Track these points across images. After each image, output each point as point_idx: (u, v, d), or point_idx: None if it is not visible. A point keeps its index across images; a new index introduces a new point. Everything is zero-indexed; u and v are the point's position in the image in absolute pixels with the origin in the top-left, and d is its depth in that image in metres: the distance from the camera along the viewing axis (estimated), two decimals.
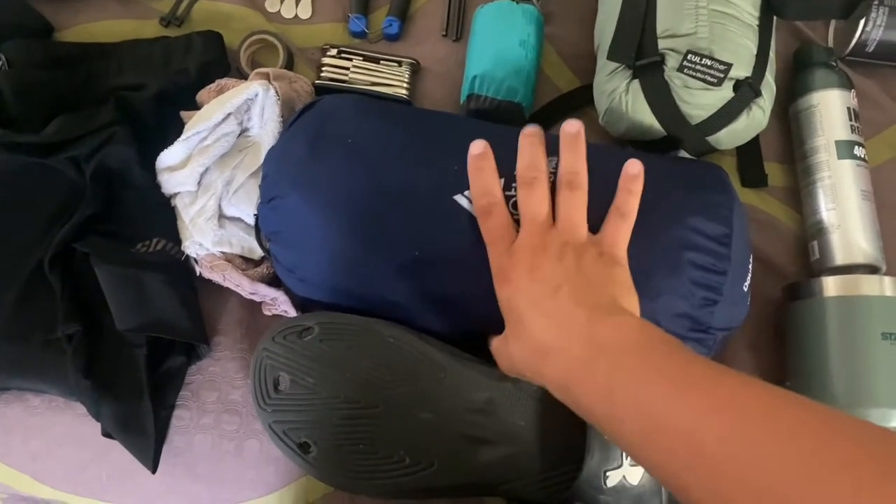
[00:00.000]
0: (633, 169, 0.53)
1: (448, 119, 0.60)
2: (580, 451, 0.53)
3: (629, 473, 0.53)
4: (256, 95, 0.60)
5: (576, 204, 0.52)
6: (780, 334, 0.64)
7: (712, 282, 0.54)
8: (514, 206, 0.53)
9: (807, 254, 0.67)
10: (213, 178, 0.61)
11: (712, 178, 0.57)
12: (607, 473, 0.53)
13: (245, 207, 0.62)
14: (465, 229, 0.53)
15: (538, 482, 0.55)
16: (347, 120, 0.56)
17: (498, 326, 0.53)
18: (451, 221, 0.54)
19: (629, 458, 0.53)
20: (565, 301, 0.47)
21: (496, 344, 0.53)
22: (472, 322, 0.56)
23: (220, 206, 0.61)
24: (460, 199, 0.54)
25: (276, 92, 0.61)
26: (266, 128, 0.62)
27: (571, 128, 0.54)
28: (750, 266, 0.57)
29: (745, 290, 0.57)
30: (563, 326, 0.47)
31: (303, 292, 0.58)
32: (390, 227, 0.54)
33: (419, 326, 0.56)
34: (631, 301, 0.50)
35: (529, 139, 0.54)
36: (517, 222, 0.52)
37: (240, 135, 0.62)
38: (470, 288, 0.54)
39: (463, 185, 0.54)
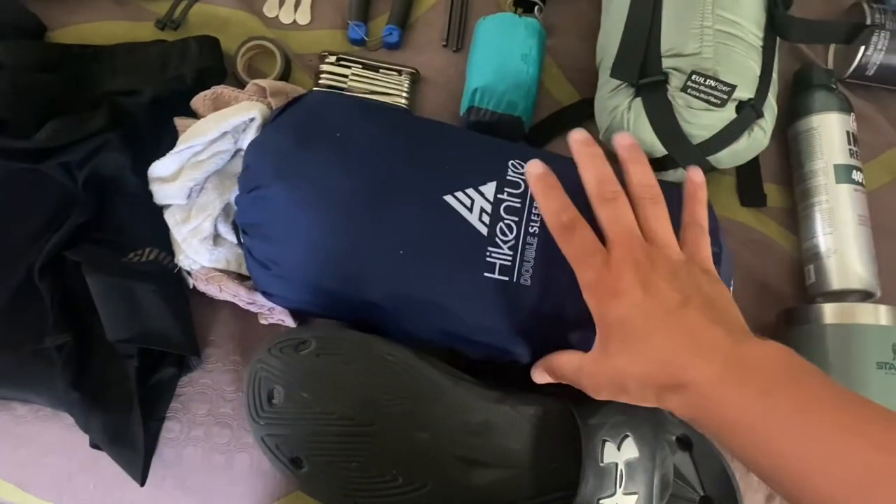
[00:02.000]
0: (698, 177, 0.54)
1: (440, 124, 0.59)
2: (574, 477, 0.53)
3: (622, 501, 0.53)
4: (254, 119, 0.59)
5: (662, 218, 0.51)
6: None
7: None
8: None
9: (802, 276, 0.67)
10: (211, 199, 0.59)
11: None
12: (600, 501, 0.52)
13: None
14: (454, 230, 0.53)
15: None
16: (336, 114, 0.55)
17: (483, 331, 0.53)
18: (440, 221, 0.53)
19: (623, 486, 0.53)
20: (697, 318, 0.46)
21: (578, 361, 0.51)
22: (454, 326, 0.54)
23: (216, 227, 0.60)
24: (450, 200, 0.53)
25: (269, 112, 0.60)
26: None
27: (625, 140, 0.54)
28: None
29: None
30: (698, 343, 0.46)
31: (275, 290, 0.56)
32: (376, 223, 0.52)
33: (399, 330, 0.55)
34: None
35: (589, 152, 0.53)
36: None
37: (234, 154, 0.61)
38: (455, 290, 0.53)
39: (454, 186, 0.53)
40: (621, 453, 0.53)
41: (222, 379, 0.63)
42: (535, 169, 0.52)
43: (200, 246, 0.59)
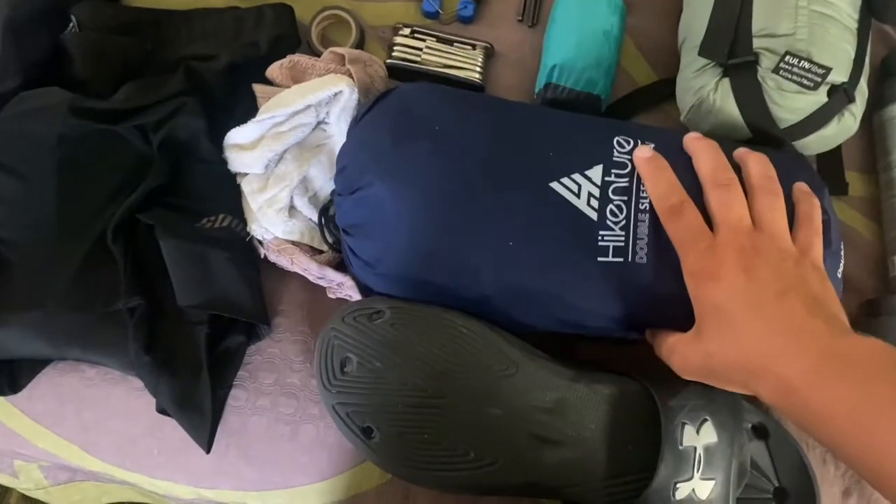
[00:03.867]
0: (804, 186, 0.54)
1: (532, 107, 0.58)
2: (649, 460, 0.52)
3: (699, 487, 0.52)
4: (341, 92, 0.58)
5: (777, 209, 0.51)
6: None
7: None
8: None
9: (885, 267, 0.65)
10: (289, 170, 0.59)
11: (802, 166, 0.57)
12: (677, 485, 0.51)
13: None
14: (563, 218, 0.52)
15: (603, 489, 0.54)
16: (430, 107, 0.54)
17: (599, 315, 0.52)
18: (548, 210, 0.52)
19: (700, 471, 0.52)
20: (796, 307, 0.46)
21: (673, 341, 0.51)
22: (568, 313, 0.54)
23: (291, 199, 0.59)
24: (557, 187, 0.52)
25: (355, 86, 0.59)
26: (341, 126, 0.60)
27: (743, 150, 0.55)
28: (842, 252, 0.56)
29: (839, 276, 0.55)
30: (795, 332, 0.45)
31: (381, 288, 0.55)
32: (483, 215, 0.52)
33: (509, 321, 0.55)
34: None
35: (703, 141, 0.53)
36: None
37: (315, 127, 0.60)
38: (569, 278, 0.52)
39: (559, 173, 0.52)
40: (700, 437, 0.52)
41: (290, 349, 0.63)
42: (643, 153, 0.53)
43: (276, 216, 0.59)
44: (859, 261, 0.66)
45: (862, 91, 0.59)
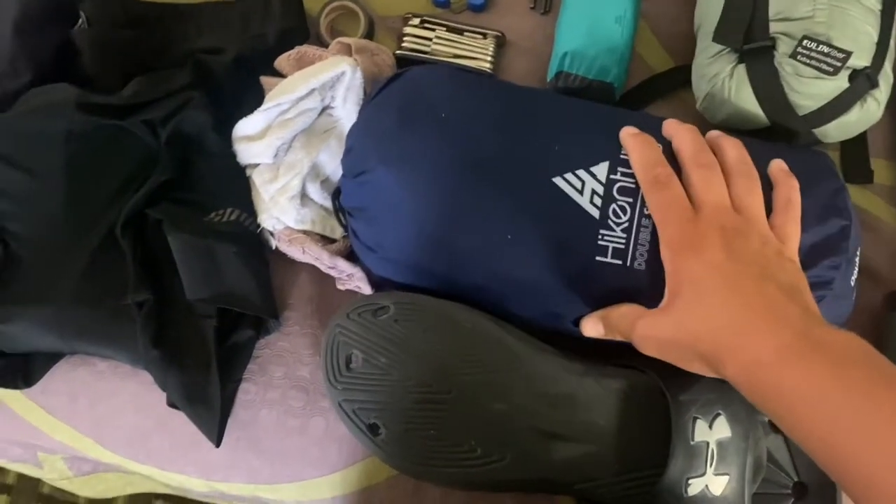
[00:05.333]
0: (783, 164, 0.52)
1: (544, 95, 0.56)
2: (661, 455, 0.51)
3: (712, 483, 0.51)
4: (343, 74, 0.58)
5: (755, 193, 0.50)
6: (880, 346, 0.60)
7: (824, 277, 0.51)
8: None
9: None
10: (299, 157, 0.58)
11: (823, 166, 0.55)
12: (689, 481, 0.50)
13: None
14: (564, 214, 0.51)
15: (614, 484, 0.53)
16: (438, 92, 0.53)
17: (588, 310, 0.51)
18: (549, 205, 0.51)
19: (713, 466, 0.50)
20: (774, 292, 0.45)
21: (638, 312, 0.50)
22: (562, 309, 0.53)
23: (303, 186, 0.59)
24: (560, 182, 0.51)
25: (361, 71, 0.59)
26: (347, 108, 0.59)
27: (715, 133, 0.54)
28: (857, 258, 0.54)
29: (853, 284, 0.54)
30: (771, 312, 0.45)
31: (381, 271, 0.55)
32: (484, 206, 0.51)
33: (502, 311, 0.54)
34: None
35: (683, 125, 0.53)
36: None
37: (321, 112, 0.60)
38: (565, 274, 0.51)
39: (563, 168, 0.51)
40: (713, 432, 0.51)
41: (300, 342, 0.62)
42: (630, 129, 0.52)
43: (288, 205, 0.59)
44: (885, 251, 0.64)
45: (887, 76, 0.57)
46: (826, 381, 0.41)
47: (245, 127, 0.59)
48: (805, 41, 0.54)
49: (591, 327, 0.52)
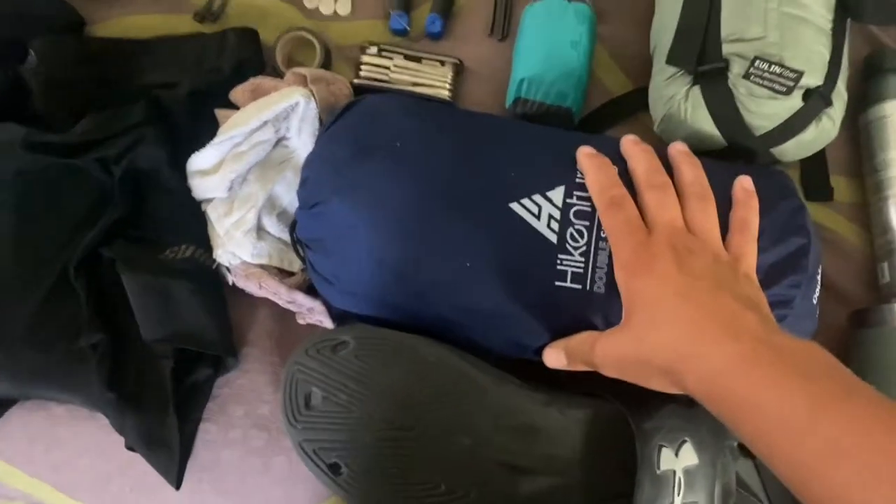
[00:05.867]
0: (748, 185, 0.53)
1: (499, 122, 0.56)
2: (628, 485, 0.50)
3: None
4: (297, 104, 0.57)
5: (710, 214, 0.51)
6: (845, 364, 0.59)
7: (785, 296, 0.51)
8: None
9: (874, 275, 0.62)
10: (254, 190, 0.58)
11: (782, 185, 0.55)
12: None
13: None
14: (521, 240, 0.50)
15: None
16: (393, 121, 0.53)
17: (550, 338, 0.51)
18: (506, 231, 0.50)
19: (681, 495, 0.49)
20: (729, 302, 0.45)
21: (596, 335, 0.49)
22: (525, 337, 0.52)
23: (259, 219, 0.58)
24: (517, 208, 0.51)
25: (316, 101, 0.58)
26: (303, 139, 0.59)
27: (680, 146, 0.54)
28: (819, 276, 0.54)
29: (815, 302, 0.54)
30: (728, 320, 0.44)
31: (341, 304, 0.54)
32: (440, 236, 0.50)
33: (466, 341, 0.53)
34: None
35: (639, 146, 0.53)
36: None
37: (276, 143, 0.59)
38: (526, 301, 0.51)
39: (520, 193, 0.51)
40: (679, 460, 0.50)
41: (260, 380, 0.61)
42: (586, 150, 0.52)
43: (244, 239, 0.58)
44: (847, 269, 0.64)
45: (840, 94, 0.57)
46: (784, 393, 0.40)
47: (198, 161, 0.58)
48: (757, 62, 0.53)
49: (554, 358, 0.52)
